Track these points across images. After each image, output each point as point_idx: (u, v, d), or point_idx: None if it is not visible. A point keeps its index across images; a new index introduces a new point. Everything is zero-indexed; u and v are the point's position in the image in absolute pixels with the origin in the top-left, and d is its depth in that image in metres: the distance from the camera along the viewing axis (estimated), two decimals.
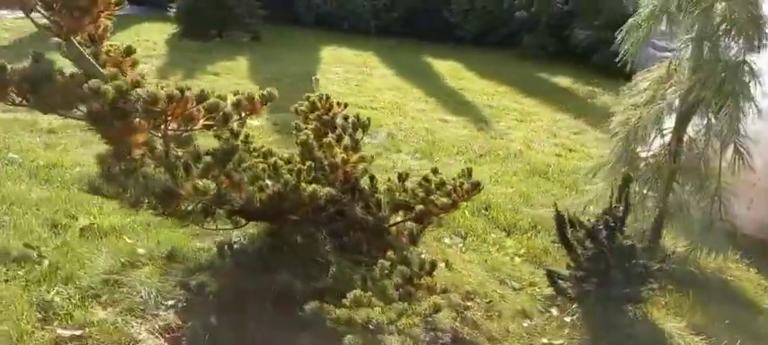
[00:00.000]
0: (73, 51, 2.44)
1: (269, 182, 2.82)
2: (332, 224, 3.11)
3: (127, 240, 3.45)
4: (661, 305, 3.40)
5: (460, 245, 4.01)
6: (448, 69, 10.46)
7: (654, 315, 3.22)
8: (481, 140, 6.72)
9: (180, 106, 2.36)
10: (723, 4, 3.43)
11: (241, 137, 3.04)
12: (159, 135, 2.50)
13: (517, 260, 3.93)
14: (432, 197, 3.06)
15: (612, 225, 2.90)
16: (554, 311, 3.31)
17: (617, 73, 10.33)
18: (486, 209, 4.55)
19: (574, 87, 9.97)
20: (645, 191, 4.09)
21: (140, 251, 3.32)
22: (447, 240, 4.04)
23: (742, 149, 3.63)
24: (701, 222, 3.83)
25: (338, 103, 3.80)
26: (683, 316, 3.35)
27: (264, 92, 2.86)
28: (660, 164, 3.96)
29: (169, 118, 2.38)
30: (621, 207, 2.95)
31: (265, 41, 11.29)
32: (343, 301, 2.48)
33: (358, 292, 2.41)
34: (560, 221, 3.19)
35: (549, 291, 3.51)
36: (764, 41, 3.36)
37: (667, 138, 3.97)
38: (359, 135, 3.56)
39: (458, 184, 3.20)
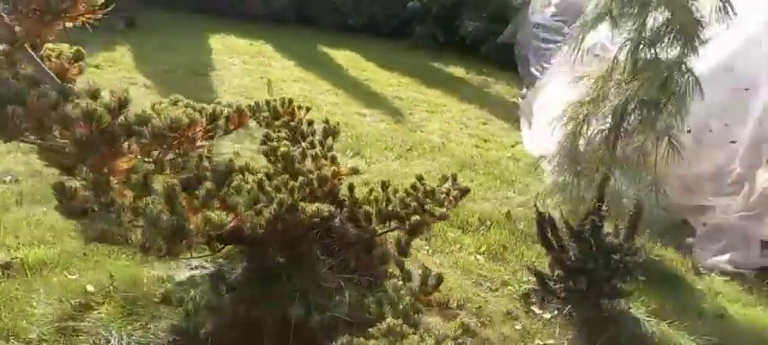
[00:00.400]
0: (28, 61, 1.95)
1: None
2: (322, 241, 2.88)
3: (68, 276, 2.91)
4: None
5: (427, 248, 3.96)
6: (346, 60, 10.29)
7: (622, 306, 3.42)
8: (402, 134, 6.71)
9: (192, 129, 2.00)
10: (662, 7, 3.70)
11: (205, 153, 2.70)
12: (148, 160, 2.10)
13: (480, 258, 3.97)
14: (427, 206, 2.95)
15: (599, 224, 3.02)
16: (535, 309, 3.40)
17: (503, 63, 11.02)
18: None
19: (468, 77, 10.34)
20: (582, 183, 4.36)
21: (89, 288, 2.82)
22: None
23: (675, 142, 3.98)
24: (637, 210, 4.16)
25: (299, 107, 3.55)
26: (641, 302, 3.62)
27: (252, 104, 2.53)
28: (601, 158, 4.22)
29: (175, 142, 2.01)
30: (604, 206, 3.08)
31: (143, 28, 10.23)
32: (371, 331, 2.32)
33: (391, 321, 2.24)
34: (541, 222, 3.25)
35: (522, 289, 3.60)
36: (698, 42, 3.69)
37: (604, 133, 4.24)
38: (330, 142, 3.35)
39: (446, 191, 3.12)
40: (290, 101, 3.47)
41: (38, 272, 2.91)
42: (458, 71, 10.62)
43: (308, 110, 3.54)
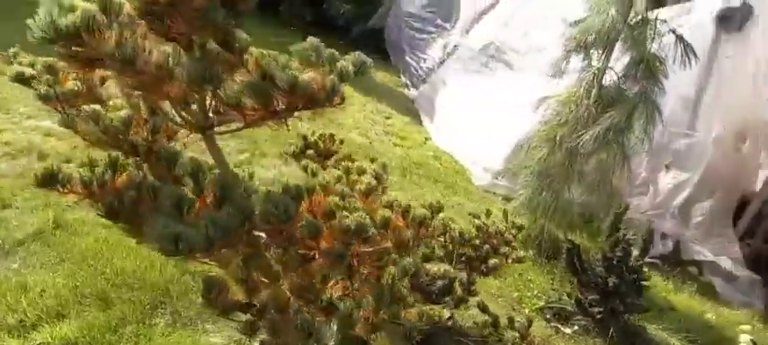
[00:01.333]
0: (212, 150, 1.52)
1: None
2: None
3: None
4: None
5: None
6: None
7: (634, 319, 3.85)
8: (322, 130, 6.47)
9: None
10: (634, 49, 4.19)
11: None
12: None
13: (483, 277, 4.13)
14: (502, 249, 3.00)
15: (629, 252, 3.39)
16: (559, 325, 3.68)
17: (375, 48, 11.15)
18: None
19: None
20: (546, 194, 4.79)
21: None
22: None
23: (627, 160, 4.58)
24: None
25: (336, 140, 3.29)
26: None
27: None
28: (565, 173, 4.65)
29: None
30: (630, 235, 3.46)
31: None
32: None
33: None
34: (570, 251, 3.53)
35: (537, 305, 3.87)
36: (664, 78, 4.25)
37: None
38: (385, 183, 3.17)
39: (505, 229, 3.20)
40: (332, 136, 3.19)
41: None
42: None
43: (341, 142, 3.30)
